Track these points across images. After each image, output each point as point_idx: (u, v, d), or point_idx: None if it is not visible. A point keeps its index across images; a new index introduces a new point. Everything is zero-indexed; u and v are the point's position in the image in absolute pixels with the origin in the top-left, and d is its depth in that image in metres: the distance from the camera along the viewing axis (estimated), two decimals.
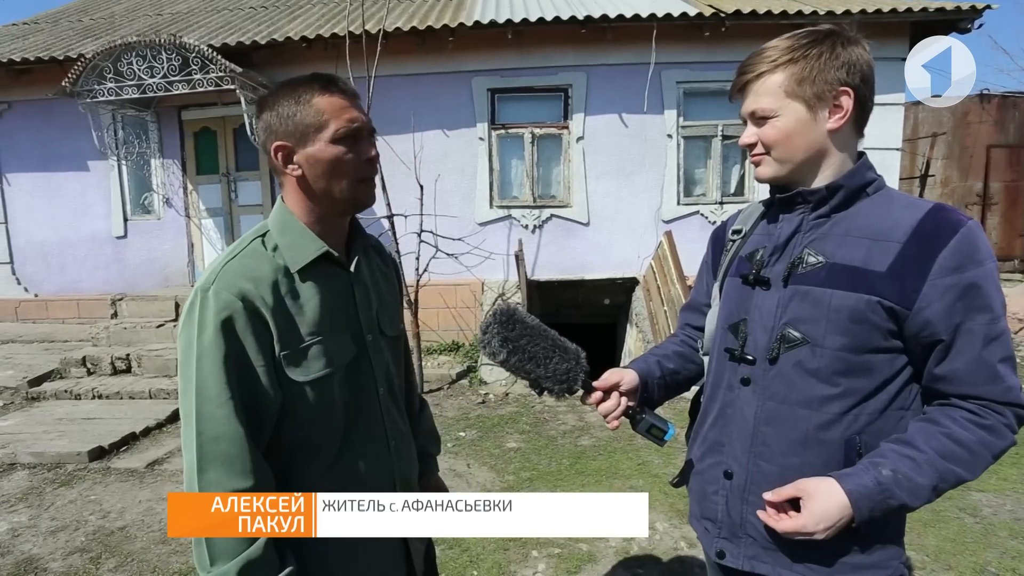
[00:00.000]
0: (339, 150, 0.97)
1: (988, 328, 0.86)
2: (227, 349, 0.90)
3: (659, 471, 3.51)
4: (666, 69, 6.13)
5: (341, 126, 0.97)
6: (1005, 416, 0.87)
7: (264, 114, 1.00)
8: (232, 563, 0.89)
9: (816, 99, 0.92)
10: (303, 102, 0.97)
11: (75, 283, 6.94)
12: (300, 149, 0.98)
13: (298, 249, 1.00)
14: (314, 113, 0.97)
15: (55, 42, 6.77)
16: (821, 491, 0.87)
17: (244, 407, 0.91)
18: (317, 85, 0.98)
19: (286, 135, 0.98)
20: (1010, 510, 2.94)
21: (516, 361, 1.04)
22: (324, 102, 0.97)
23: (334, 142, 0.97)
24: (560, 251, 6.47)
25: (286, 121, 0.98)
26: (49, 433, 4.09)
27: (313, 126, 0.97)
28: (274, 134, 0.99)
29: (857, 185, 0.95)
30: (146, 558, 2.68)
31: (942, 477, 0.86)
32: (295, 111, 0.97)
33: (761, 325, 0.99)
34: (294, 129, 0.97)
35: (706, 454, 1.08)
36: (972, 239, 0.87)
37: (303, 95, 0.98)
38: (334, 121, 0.97)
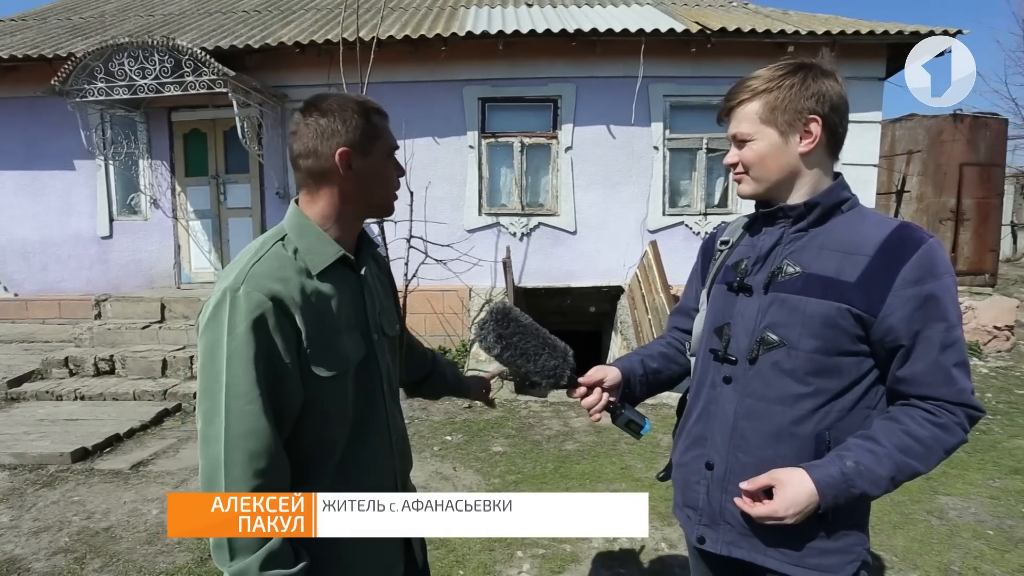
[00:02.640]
0: (390, 164, 1.11)
1: (944, 336, 0.95)
2: (257, 348, 0.93)
3: (641, 475, 3.58)
4: (653, 83, 6.28)
5: (392, 143, 1.11)
6: (957, 415, 0.96)
7: (321, 120, 1.02)
8: (253, 557, 0.92)
9: (787, 126, 1.02)
10: (366, 116, 1.06)
11: (57, 283, 6.84)
12: (361, 157, 1.05)
13: (318, 252, 1.04)
14: (376, 128, 1.07)
15: (44, 40, 6.72)
16: (792, 480, 0.96)
17: (271, 404, 0.95)
18: (371, 105, 1.08)
19: (351, 143, 1.03)
20: (974, 512, 3.07)
21: (509, 356, 1.13)
22: (381, 121, 1.09)
23: (388, 156, 1.10)
24: (547, 259, 6.56)
25: (352, 129, 1.03)
26: (30, 434, 4.04)
27: (374, 138, 1.07)
28: (338, 137, 1.02)
29: (832, 203, 1.05)
30: (132, 558, 2.68)
31: (899, 469, 0.95)
32: (360, 122, 1.04)
33: (743, 328, 1.07)
34: (360, 137, 1.04)
35: (690, 447, 1.16)
36: (932, 255, 0.97)
37: (364, 109, 1.06)
38: (388, 138, 1.10)
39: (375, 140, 1.06)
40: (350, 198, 1.07)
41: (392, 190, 1.13)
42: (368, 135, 1.05)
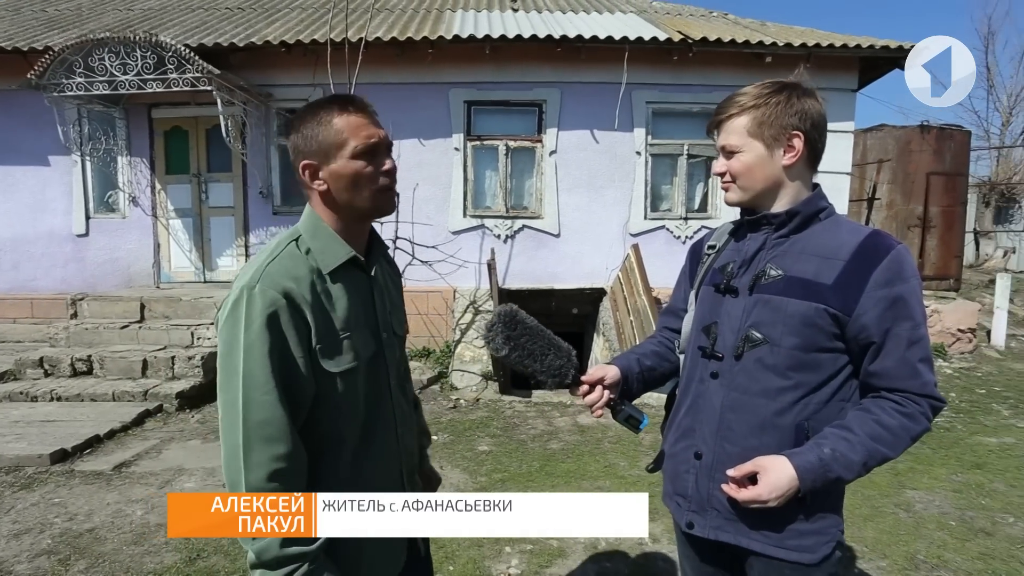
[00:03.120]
0: (359, 164, 1.06)
1: (911, 333, 1.05)
2: (272, 342, 0.98)
3: (625, 473, 3.67)
4: (636, 89, 6.42)
5: (359, 143, 1.06)
6: (922, 406, 1.06)
7: (292, 136, 1.10)
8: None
9: (773, 140, 1.11)
10: (324, 123, 1.07)
11: (29, 281, 6.67)
12: (324, 166, 1.07)
13: (329, 253, 1.09)
14: (334, 132, 1.06)
15: (18, 31, 6.55)
16: (774, 467, 1.04)
17: (286, 395, 0.99)
18: (336, 106, 1.08)
19: (311, 154, 1.07)
20: (938, 505, 3.23)
21: (516, 356, 1.18)
22: (342, 121, 1.06)
23: (354, 157, 1.06)
24: (531, 261, 6.64)
25: (310, 141, 1.07)
26: (5, 435, 3.96)
27: (334, 144, 1.06)
28: (301, 154, 1.09)
29: (811, 211, 1.14)
30: (118, 559, 2.66)
31: (871, 455, 1.03)
32: (317, 131, 1.07)
33: (729, 327, 1.16)
34: (318, 148, 1.07)
35: (679, 439, 1.24)
36: (900, 260, 1.06)
37: (323, 116, 1.07)
38: (353, 139, 1.06)
39: (336, 145, 1.05)
40: (332, 204, 1.10)
41: (372, 189, 1.09)
42: (327, 142, 1.05)
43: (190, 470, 3.61)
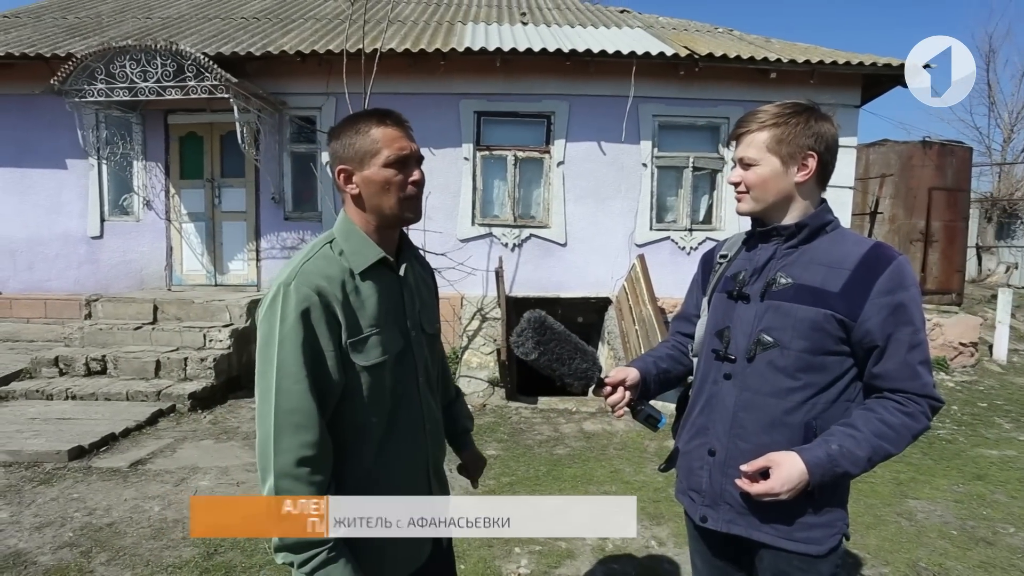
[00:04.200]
0: (389, 172, 1.15)
1: (911, 338, 1.13)
2: (304, 335, 1.07)
3: (630, 478, 3.73)
4: (643, 103, 6.54)
5: (392, 153, 1.15)
6: (922, 405, 1.14)
7: (331, 143, 1.20)
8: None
9: (789, 157, 1.20)
10: (362, 132, 1.17)
11: (43, 282, 6.78)
12: (358, 172, 1.17)
13: (361, 254, 1.18)
14: (370, 141, 1.16)
15: (40, 39, 6.71)
16: (786, 462, 1.12)
17: (315, 385, 1.08)
18: (375, 118, 1.18)
19: (347, 160, 1.18)
20: (940, 515, 3.29)
21: (545, 361, 1.26)
22: (379, 132, 1.16)
23: (386, 166, 1.16)
24: (538, 269, 6.72)
25: (348, 148, 1.17)
26: (23, 432, 4.03)
27: (369, 152, 1.16)
28: (338, 159, 1.19)
29: (819, 224, 1.23)
30: (138, 552, 2.73)
31: (875, 451, 1.11)
32: (355, 140, 1.17)
33: (742, 331, 1.24)
34: (354, 154, 1.17)
35: (694, 437, 1.32)
36: (902, 270, 1.15)
37: (363, 126, 1.17)
38: (386, 148, 1.16)
39: (371, 154, 1.14)
40: (363, 207, 1.20)
41: (398, 196, 1.17)
42: (363, 150, 1.14)
43: (204, 469, 3.68)
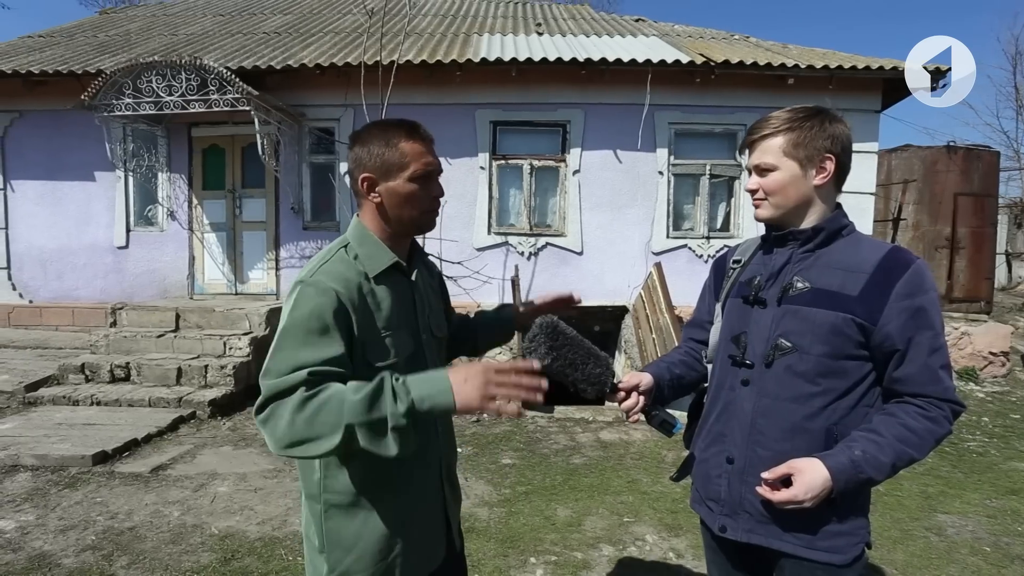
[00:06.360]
0: (414, 187, 1.19)
1: (932, 341, 1.11)
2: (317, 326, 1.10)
3: (648, 488, 3.68)
4: (659, 110, 6.52)
5: (419, 168, 1.19)
6: (944, 410, 1.11)
7: (356, 148, 1.22)
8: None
9: (807, 160, 1.18)
10: (391, 144, 1.19)
11: (72, 291, 6.97)
12: (383, 182, 1.20)
13: (375, 259, 1.21)
14: (399, 155, 1.18)
15: (72, 56, 6.96)
16: (809, 468, 1.09)
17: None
18: (404, 131, 1.21)
19: (373, 169, 1.19)
20: (971, 530, 3.18)
21: (558, 366, 1.25)
22: (408, 146, 1.19)
23: (411, 180, 1.19)
24: (554, 278, 6.71)
25: (375, 158, 1.19)
26: (50, 437, 4.13)
27: (396, 165, 1.18)
28: (362, 167, 1.20)
29: (835, 228, 1.21)
30: (158, 556, 2.76)
31: (899, 456, 1.08)
32: (383, 151, 1.19)
33: (759, 336, 1.22)
34: (380, 165, 1.19)
35: (710, 445, 1.30)
36: (921, 273, 1.13)
37: (392, 138, 1.19)
38: (414, 163, 1.19)
39: (398, 167, 1.17)
40: (383, 216, 1.22)
41: (420, 209, 1.22)
42: (390, 162, 1.17)
43: (223, 475, 3.73)
